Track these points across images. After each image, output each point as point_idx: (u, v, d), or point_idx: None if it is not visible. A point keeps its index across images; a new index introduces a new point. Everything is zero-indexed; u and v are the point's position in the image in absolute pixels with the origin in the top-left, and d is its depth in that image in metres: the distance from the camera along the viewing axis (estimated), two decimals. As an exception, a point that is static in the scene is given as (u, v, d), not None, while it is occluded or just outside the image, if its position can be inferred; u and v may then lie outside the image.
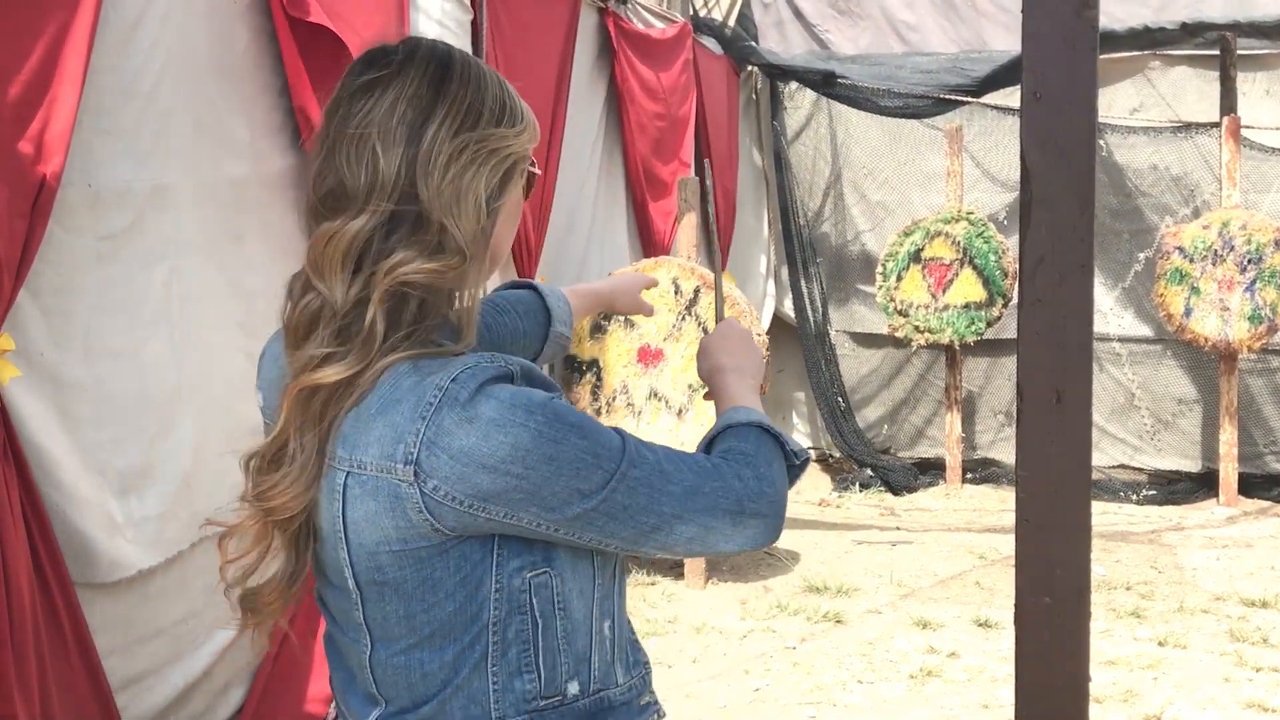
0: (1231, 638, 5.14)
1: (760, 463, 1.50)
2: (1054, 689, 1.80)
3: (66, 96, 2.73)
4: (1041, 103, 1.75)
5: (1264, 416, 8.00)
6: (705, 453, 1.52)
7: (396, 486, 1.31)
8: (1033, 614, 1.79)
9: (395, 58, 1.42)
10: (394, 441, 1.31)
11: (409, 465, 1.30)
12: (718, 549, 1.45)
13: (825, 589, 5.91)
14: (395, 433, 1.32)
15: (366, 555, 1.36)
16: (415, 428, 1.31)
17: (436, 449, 1.30)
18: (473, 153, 1.38)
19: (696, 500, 1.40)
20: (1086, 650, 1.83)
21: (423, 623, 1.37)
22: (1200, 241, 7.32)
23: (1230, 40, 7.50)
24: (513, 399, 1.32)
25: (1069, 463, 1.78)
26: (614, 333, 5.85)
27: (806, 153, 8.87)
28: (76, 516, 2.95)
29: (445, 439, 1.30)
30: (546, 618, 1.40)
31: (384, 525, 1.34)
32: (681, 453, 1.45)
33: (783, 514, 1.50)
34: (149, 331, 3.18)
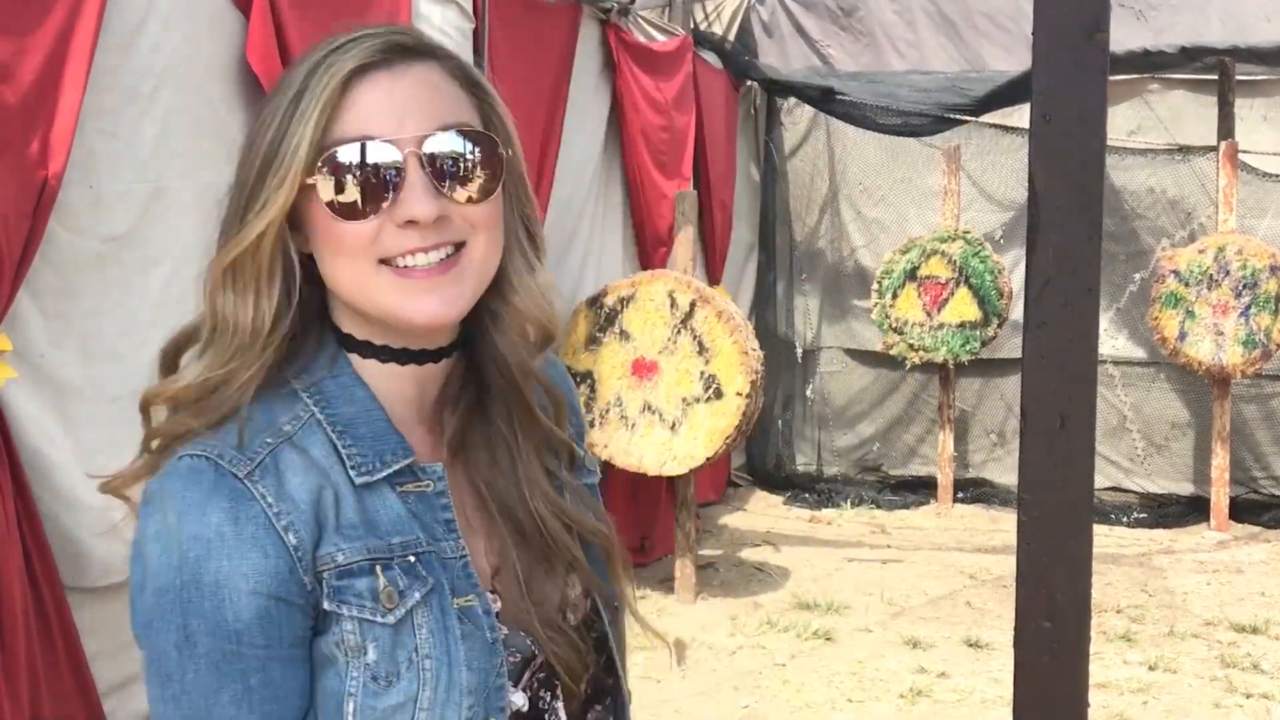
0: (1222, 663, 5.14)
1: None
2: (1052, 714, 1.79)
3: (69, 98, 2.72)
4: (1051, 125, 1.74)
5: (1256, 441, 8.01)
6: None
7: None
8: (1032, 638, 1.78)
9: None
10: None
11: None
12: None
13: (815, 606, 5.89)
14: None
15: None
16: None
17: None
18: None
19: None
20: (1086, 676, 1.82)
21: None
22: (1196, 266, 7.33)
23: (1229, 65, 7.53)
24: (151, 541, 1.08)
25: (1071, 487, 1.76)
26: (609, 344, 5.84)
27: (804, 168, 8.88)
28: (69, 519, 2.93)
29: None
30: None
31: None
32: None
33: None
34: (147, 334, 3.17)
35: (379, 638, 1.09)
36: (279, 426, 1.12)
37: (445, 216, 1.14)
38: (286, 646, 1.08)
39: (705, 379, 5.67)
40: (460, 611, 1.13)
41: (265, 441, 1.10)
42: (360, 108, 1.12)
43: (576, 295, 6.04)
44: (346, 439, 1.14)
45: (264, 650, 1.06)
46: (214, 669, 1.05)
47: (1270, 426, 8.01)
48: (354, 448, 1.14)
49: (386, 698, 1.09)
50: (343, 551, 1.10)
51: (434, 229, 1.13)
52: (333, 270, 1.15)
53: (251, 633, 1.05)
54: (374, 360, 1.19)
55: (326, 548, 1.09)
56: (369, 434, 1.15)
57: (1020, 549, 1.79)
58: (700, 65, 7.40)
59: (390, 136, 1.11)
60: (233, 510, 1.06)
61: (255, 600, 1.05)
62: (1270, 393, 7.98)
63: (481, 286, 1.18)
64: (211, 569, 1.04)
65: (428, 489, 1.17)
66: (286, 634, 1.07)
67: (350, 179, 1.11)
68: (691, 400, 5.68)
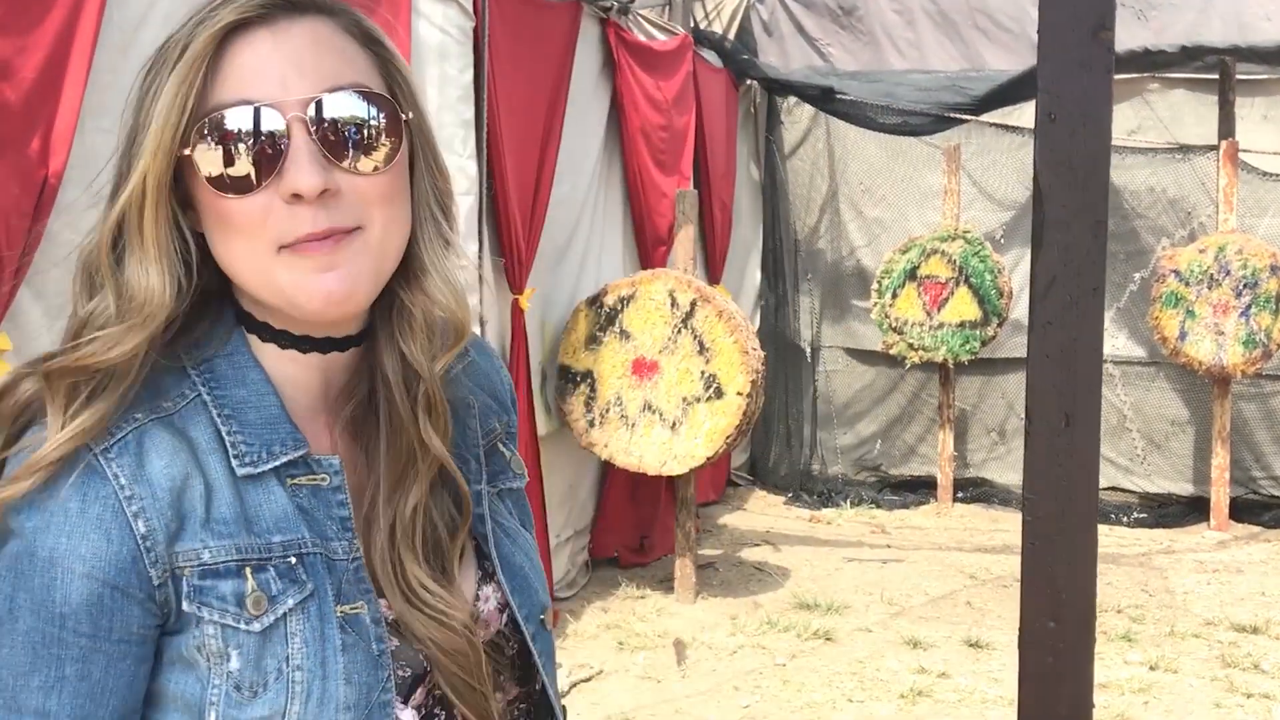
0: (1222, 663, 5.13)
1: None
2: (1056, 714, 1.79)
3: (70, 95, 2.72)
4: (1056, 124, 1.74)
5: (1256, 441, 8.01)
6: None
7: None
8: (1037, 638, 1.78)
9: None
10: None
11: None
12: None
13: (816, 606, 5.89)
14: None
15: None
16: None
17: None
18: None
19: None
20: (1090, 675, 1.81)
21: None
22: (1196, 265, 7.33)
23: (1229, 64, 7.53)
24: (26, 539, 0.99)
25: (1077, 486, 1.76)
26: (609, 344, 5.83)
27: (804, 167, 8.88)
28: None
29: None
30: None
31: None
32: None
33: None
34: (147, 334, 3.17)
35: (243, 645, 1.01)
36: (158, 403, 1.03)
37: (335, 191, 1.02)
38: (115, 640, 0.99)
39: (706, 378, 5.67)
40: (343, 619, 1.04)
41: (134, 418, 1.01)
42: (239, 68, 1.01)
43: (576, 294, 6.03)
44: (233, 424, 1.04)
45: (88, 640, 0.98)
46: (30, 649, 0.97)
47: (1270, 426, 8.01)
48: (240, 435, 1.04)
49: (250, 709, 1.00)
50: (209, 549, 1.00)
51: (324, 206, 1.01)
52: (225, 253, 1.04)
53: (78, 618, 0.97)
54: (273, 345, 1.09)
55: (190, 543, 1.00)
56: (259, 420, 1.06)
57: (1025, 548, 1.79)
58: (700, 64, 7.39)
59: (272, 100, 1.00)
60: (83, 489, 0.98)
61: (88, 585, 0.97)
62: (1270, 392, 7.98)
63: (385, 269, 1.07)
64: (48, 544, 0.97)
65: (323, 483, 1.07)
66: (118, 626, 0.99)
67: (229, 149, 1.00)
68: (692, 400, 5.68)
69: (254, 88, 1.00)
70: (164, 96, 1.00)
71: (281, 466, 1.05)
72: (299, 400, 1.10)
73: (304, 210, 1.00)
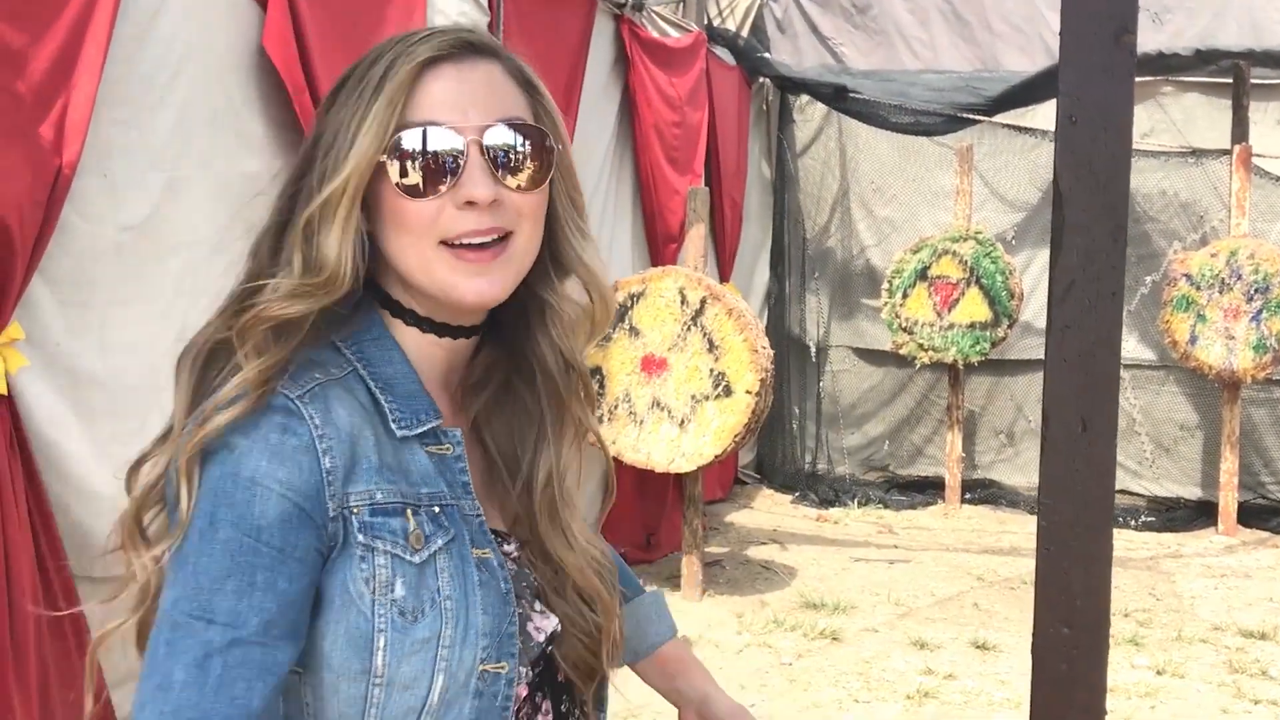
0: (1230, 669, 5.12)
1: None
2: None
3: (85, 84, 2.71)
4: (1077, 127, 1.73)
5: (1265, 446, 7.99)
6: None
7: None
8: (1050, 644, 1.77)
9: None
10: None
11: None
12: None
13: (822, 605, 5.88)
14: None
15: None
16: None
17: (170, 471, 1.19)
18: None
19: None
20: (1104, 682, 1.80)
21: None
22: (1208, 269, 7.30)
23: (1244, 69, 7.50)
24: (235, 469, 1.13)
25: (1092, 491, 1.75)
26: (619, 341, 5.83)
27: (815, 166, 8.86)
28: (80, 509, 2.92)
29: (172, 471, 1.18)
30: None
31: None
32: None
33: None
34: (161, 325, 3.16)
35: (406, 575, 1.17)
36: (327, 370, 1.21)
37: (499, 201, 1.23)
38: (297, 559, 1.13)
39: (715, 376, 5.66)
40: (478, 561, 1.23)
41: (314, 377, 1.19)
42: (430, 96, 1.22)
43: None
44: (387, 395, 1.23)
45: (277, 553, 1.12)
46: (228, 556, 1.10)
47: (1279, 431, 7.99)
48: (394, 404, 1.23)
49: (414, 632, 1.16)
50: (381, 491, 1.18)
51: (489, 213, 1.23)
52: (397, 247, 1.24)
53: (271, 532, 1.11)
54: (415, 329, 1.28)
55: (364, 485, 1.17)
56: (405, 393, 1.24)
57: (1039, 553, 1.77)
58: (713, 61, 7.38)
59: (455, 125, 1.22)
60: (283, 424, 1.14)
61: (282, 504, 1.12)
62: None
63: (521, 274, 1.28)
64: (250, 466, 1.12)
65: (447, 452, 1.26)
66: (300, 546, 1.13)
67: (417, 161, 1.21)
68: (701, 397, 5.67)
69: (441, 113, 1.22)
70: (372, 114, 1.20)
71: (425, 433, 1.24)
72: (429, 378, 1.29)
73: (471, 214, 1.22)
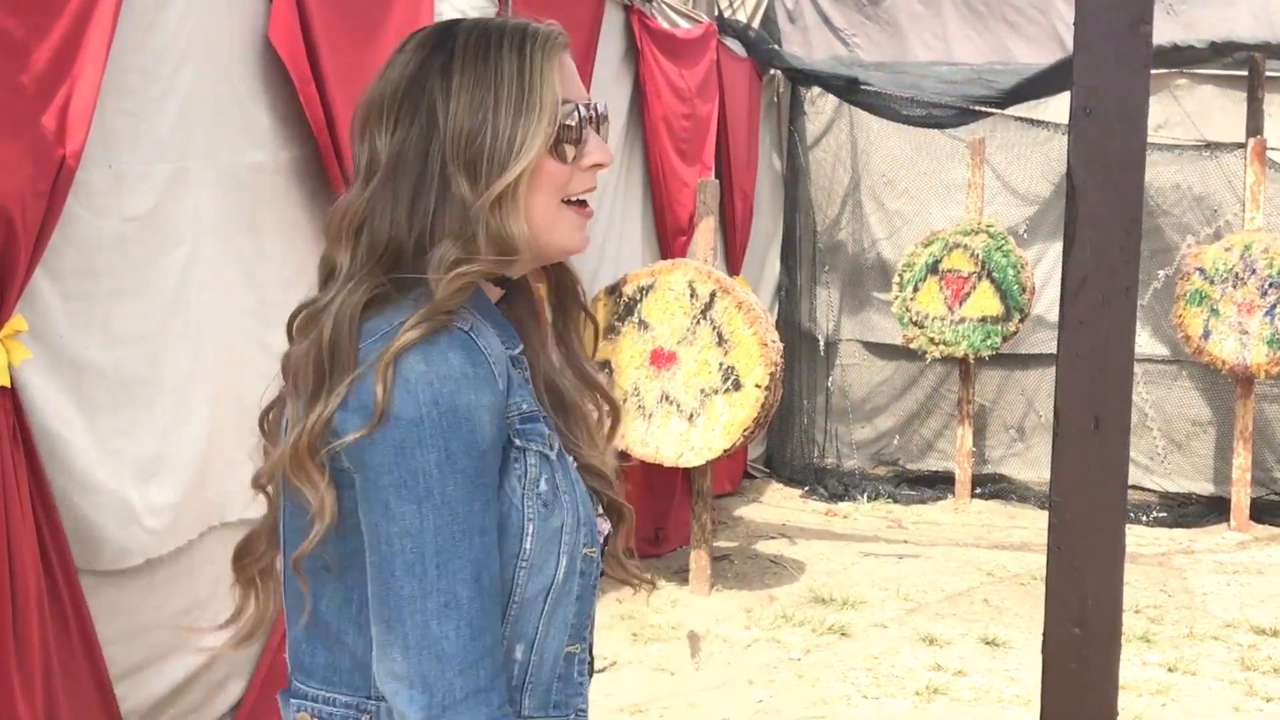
0: (1242, 666, 5.08)
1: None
2: None
3: (89, 75, 2.69)
4: (1091, 119, 1.71)
5: (1277, 442, 7.94)
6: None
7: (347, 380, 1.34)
8: (1062, 644, 1.75)
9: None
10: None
11: (354, 381, 1.33)
12: (391, 690, 1.29)
13: (831, 600, 5.85)
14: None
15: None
16: (364, 354, 1.32)
17: (370, 374, 1.29)
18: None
19: (433, 666, 1.26)
20: (1115, 683, 1.78)
21: (330, 553, 1.34)
22: (1221, 263, 7.25)
23: (1259, 61, 7.44)
24: (439, 381, 1.28)
25: (1104, 490, 1.73)
26: (627, 334, 5.80)
27: (826, 159, 8.82)
28: (84, 503, 2.91)
29: (374, 369, 1.29)
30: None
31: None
32: (483, 624, 1.29)
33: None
34: (166, 317, 3.14)
35: (547, 470, 1.37)
36: (464, 314, 1.35)
37: None
38: (498, 469, 1.33)
39: (724, 370, 5.63)
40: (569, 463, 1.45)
41: (466, 318, 1.34)
42: (564, 75, 1.41)
43: (595, 283, 5.99)
44: (495, 327, 1.40)
45: (495, 467, 1.31)
46: (470, 481, 1.27)
47: (1293, 427, 7.94)
48: (499, 330, 1.40)
49: (551, 520, 1.36)
50: (526, 402, 1.38)
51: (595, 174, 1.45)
52: (532, 203, 1.39)
53: (492, 452, 1.30)
54: (489, 281, 1.44)
55: (514, 397, 1.36)
56: (498, 323, 1.42)
57: (1050, 553, 1.75)
58: (724, 53, 7.35)
59: (584, 100, 1.43)
60: (468, 356, 1.30)
61: (493, 426, 1.30)
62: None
63: None
64: (463, 401, 1.27)
65: (525, 372, 1.44)
66: (500, 457, 1.33)
67: (567, 134, 1.40)
68: (710, 391, 5.64)
69: (572, 90, 1.42)
70: (541, 103, 1.37)
71: (515, 355, 1.43)
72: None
73: (592, 175, 1.44)
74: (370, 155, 1.38)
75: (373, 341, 1.31)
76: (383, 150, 1.37)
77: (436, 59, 1.38)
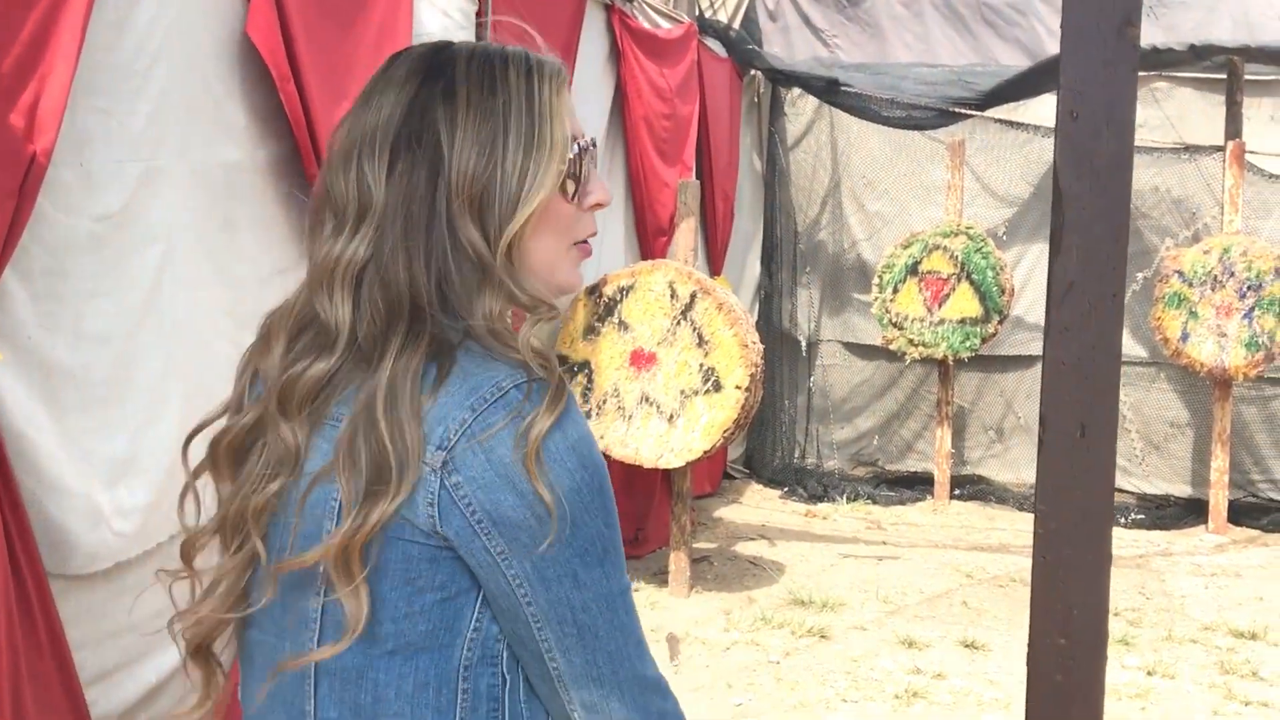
0: (1221, 669, 5.08)
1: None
2: (1065, 734, 1.73)
3: (60, 71, 2.64)
4: (1078, 123, 1.68)
5: (1255, 444, 7.96)
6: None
7: (419, 469, 1.20)
8: (1047, 655, 1.73)
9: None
10: (435, 422, 1.21)
11: (441, 451, 1.20)
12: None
13: (810, 602, 5.84)
14: (439, 414, 1.21)
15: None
16: (461, 416, 1.21)
17: (477, 445, 1.20)
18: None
19: (643, 697, 1.30)
20: (1101, 693, 1.76)
21: (388, 634, 1.23)
22: (1200, 266, 7.27)
23: (1238, 64, 7.46)
24: (576, 443, 1.23)
25: (1090, 499, 1.70)
26: (607, 335, 5.77)
27: (806, 159, 8.80)
28: (53, 506, 2.86)
29: (491, 441, 1.20)
30: (514, 679, 1.27)
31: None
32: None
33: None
34: (138, 317, 3.09)
35: None
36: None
37: None
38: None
39: (704, 371, 5.61)
40: None
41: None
42: (569, 110, 1.33)
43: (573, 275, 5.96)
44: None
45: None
46: (618, 533, 1.27)
47: (1270, 430, 7.96)
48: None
49: None
50: None
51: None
52: (535, 246, 1.32)
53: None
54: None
55: None
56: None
57: (1036, 562, 1.73)
58: (704, 53, 7.32)
59: (584, 137, 1.34)
60: (575, 402, 1.26)
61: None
62: (1271, 395, 7.93)
63: None
64: (596, 454, 1.25)
65: None
66: None
67: (572, 172, 1.32)
68: (690, 392, 5.62)
69: (572, 126, 1.33)
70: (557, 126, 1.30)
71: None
72: None
73: (592, 216, 1.37)
74: (361, 193, 1.27)
75: (483, 410, 1.22)
76: (376, 190, 1.26)
77: (433, 87, 1.29)
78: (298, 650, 1.27)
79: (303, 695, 1.28)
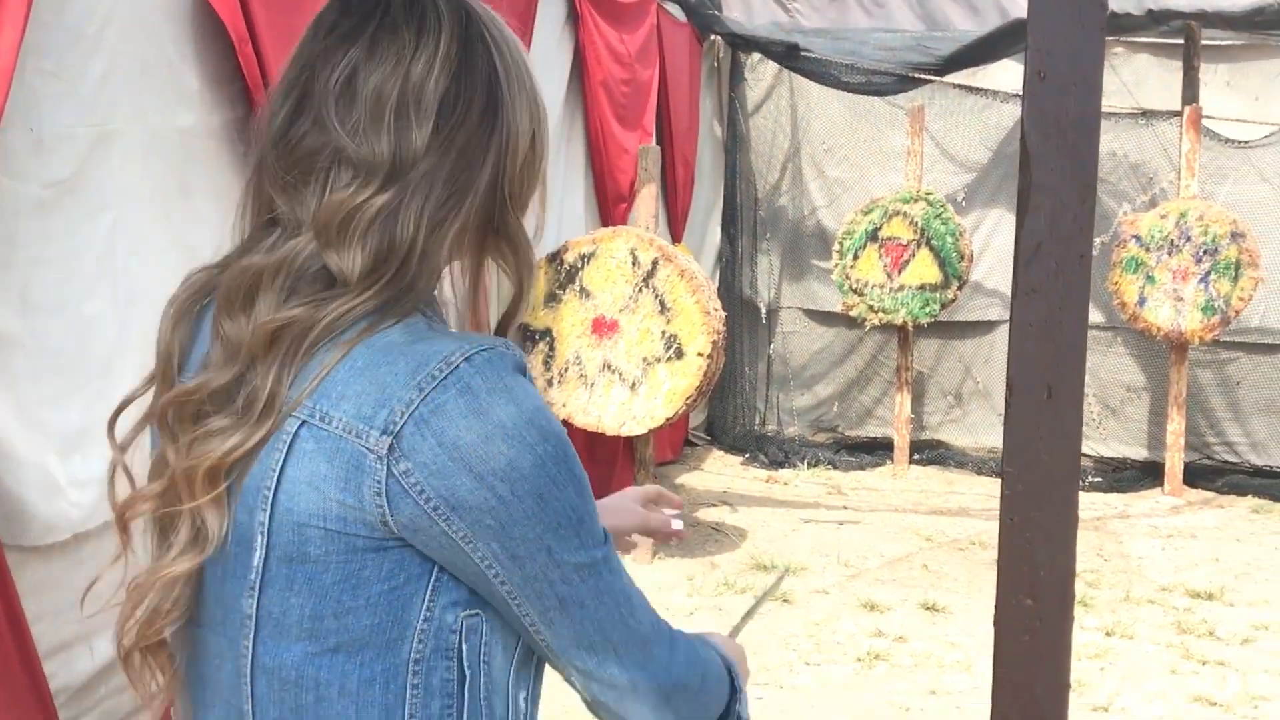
0: (1178, 629, 5.15)
1: (711, 686, 1.36)
2: (1031, 694, 1.73)
3: (8, 33, 2.58)
4: (1046, 83, 1.66)
5: (1210, 408, 8.05)
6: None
7: (362, 455, 1.12)
8: (1014, 616, 1.72)
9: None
10: (376, 404, 1.12)
11: (386, 435, 1.12)
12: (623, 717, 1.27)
13: (773, 567, 5.86)
14: (380, 394, 1.13)
15: (293, 526, 1.15)
16: (407, 396, 1.12)
17: (426, 429, 1.12)
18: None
19: (641, 654, 1.25)
20: (1068, 654, 1.76)
21: (329, 630, 1.16)
22: (1157, 230, 7.32)
23: (1195, 29, 7.49)
24: (533, 415, 1.16)
25: (1057, 460, 1.70)
26: (568, 302, 5.75)
27: (766, 126, 8.78)
28: (9, 477, 2.81)
29: (440, 422, 1.12)
30: (473, 670, 1.20)
31: (328, 494, 1.13)
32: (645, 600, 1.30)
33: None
34: (91, 285, 3.04)
35: None
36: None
37: None
38: None
39: (666, 338, 5.60)
40: None
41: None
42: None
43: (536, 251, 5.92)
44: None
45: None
46: (589, 498, 1.21)
47: (1225, 393, 8.05)
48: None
49: None
50: None
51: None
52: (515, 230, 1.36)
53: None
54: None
55: None
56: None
57: (1003, 524, 1.72)
58: (664, 18, 7.28)
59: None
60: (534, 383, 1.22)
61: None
62: (1226, 359, 8.01)
63: None
64: (557, 429, 1.20)
65: None
66: None
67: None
68: (652, 360, 5.61)
69: None
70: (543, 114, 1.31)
71: None
72: None
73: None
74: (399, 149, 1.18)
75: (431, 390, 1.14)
76: (422, 145, 1.18)
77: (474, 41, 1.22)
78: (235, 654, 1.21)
79: (240, 695, 1.21)
